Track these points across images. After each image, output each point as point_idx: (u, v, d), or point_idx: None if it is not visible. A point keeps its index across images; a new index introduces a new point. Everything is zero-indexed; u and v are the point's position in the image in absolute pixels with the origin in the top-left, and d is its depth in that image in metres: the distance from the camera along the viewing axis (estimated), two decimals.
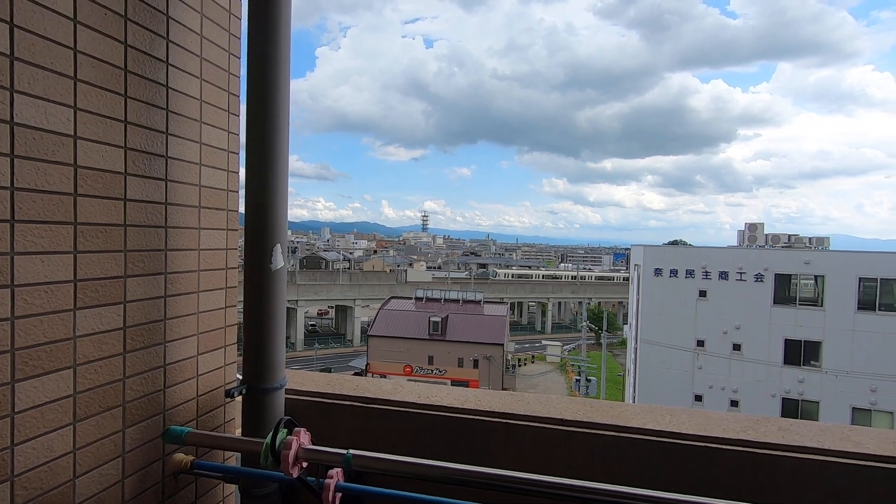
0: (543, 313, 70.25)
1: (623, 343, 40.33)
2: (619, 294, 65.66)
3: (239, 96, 1.74)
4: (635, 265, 28.41)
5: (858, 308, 21.87)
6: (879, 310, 21.50)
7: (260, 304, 1.45)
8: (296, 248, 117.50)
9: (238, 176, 1.73)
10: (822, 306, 22.60)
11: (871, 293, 21.82)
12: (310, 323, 66.86)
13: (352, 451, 1.11)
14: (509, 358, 37.34)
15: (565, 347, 50.05)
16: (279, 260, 1.46)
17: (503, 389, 35.02)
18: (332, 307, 69.22)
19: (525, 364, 49.40)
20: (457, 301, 40.41)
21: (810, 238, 28.48)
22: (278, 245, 1.46)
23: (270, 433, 1.15)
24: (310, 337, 58.94)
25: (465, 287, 54.47)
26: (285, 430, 1.17)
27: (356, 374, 41.92)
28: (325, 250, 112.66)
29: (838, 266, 22.50)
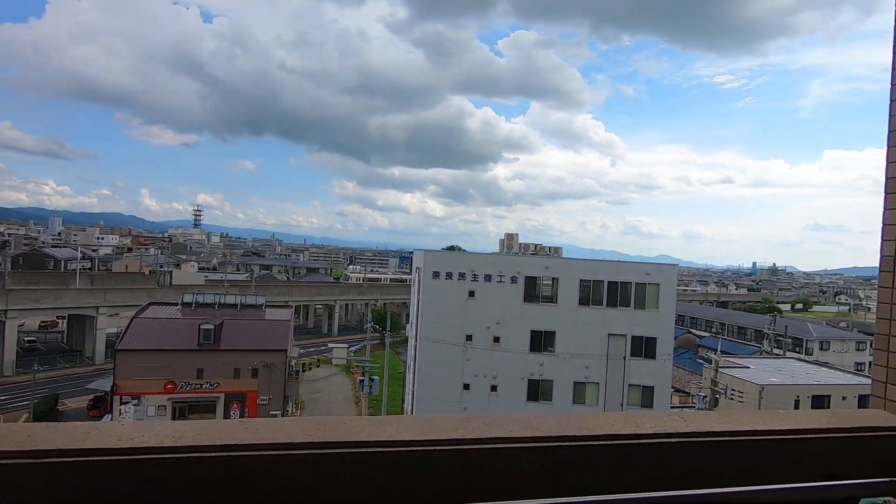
0: (330, 316, 69.55)
1: (405, 342, 42.78)
2: (403, 295, 69.45)
3: None
4: (417, 268, 30.50)
5: (579, 303, 27.89)
6: (592, 304, 27.82)
7: None
8: (7, 241, 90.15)
9: None
10: (556, 302, 28.03)
11: (587, 291, 28.05)
12: (27, 339, 52.05)
13: None
14: (293, 364, 35.73)
15: (351, 349, 50.47)
16: None
17: (285, 397, 33.28)
18: (63, 317, 55.21)
19: (310, 369, 48.05)
20: (234, 306, 36.84)
21: (549, 247, 35.43)
22: None
23: None
24: (27, 356, 45.64)
25: (245, 290, 50.06)
26: None
27: (96, 398, 34.31)
28: (54, 245, 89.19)
29: (567, 270, 28.28)
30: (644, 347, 27.55)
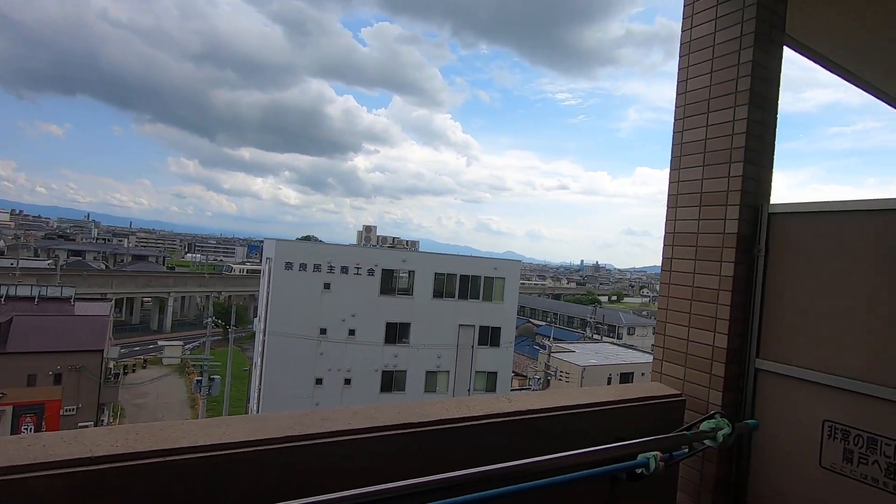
0: (162, 310, 61.54)
1: (253, 337, 39.89)
2: (251, 287, 64.57)
3: None
4: (267, 258, 28.57)
5: (433, 296, 28.99)
6: (445, 297, 29.14)
7: None
8: None
9: None
10: (412, 295, 28.73)
11: (441, 284, 29.30)
12: None
13: None
14: (111, 366, 30.78)
15: (188, 346, 45.39)
16: None
17: (100, 405, 28.51)
18: None
19: (134, 371, 41.96)
20: (30, 299, 30.42)
21: (407, 241, 36.09)
22: None
23: None
24: None
25: (48, 280, 41.57)
26: None
27: None
28: None
29: (423, 264, 29.17)
30: (490, 336, 29.78)
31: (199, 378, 26.66)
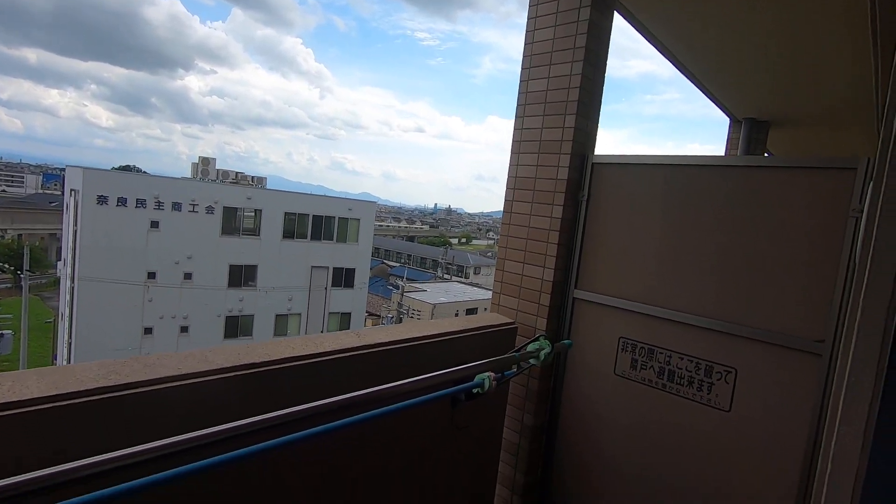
0: None
1: (57, 283, 33.64)
2: (51, 224, 53.58)
3: None
4: (72, 190, 23.76)
5: (283, 237, 27.44)
6: (296, 238, 27.82)
7: None
8: None
9: None
10: (259, 235, 26.80)
11: (292, 224, 27.81)
12: None
13: None
14: None
15: None
16: None
17: None
18: None
19: None
20: None
21: (253, 177, 33.05)
22: None
23: None
24: None
25: None
26: None
27: None
28: None
29: (271, 202, 27.19)
30: (344, 278, 29.59)
31: None
